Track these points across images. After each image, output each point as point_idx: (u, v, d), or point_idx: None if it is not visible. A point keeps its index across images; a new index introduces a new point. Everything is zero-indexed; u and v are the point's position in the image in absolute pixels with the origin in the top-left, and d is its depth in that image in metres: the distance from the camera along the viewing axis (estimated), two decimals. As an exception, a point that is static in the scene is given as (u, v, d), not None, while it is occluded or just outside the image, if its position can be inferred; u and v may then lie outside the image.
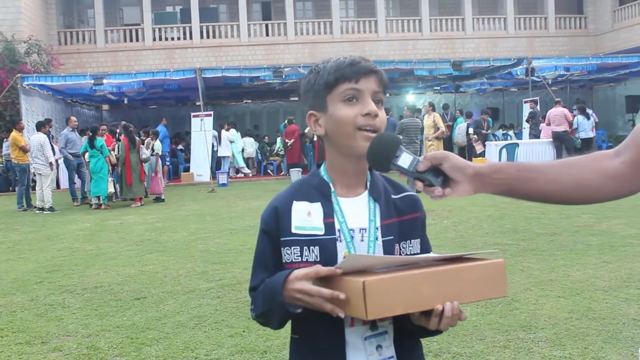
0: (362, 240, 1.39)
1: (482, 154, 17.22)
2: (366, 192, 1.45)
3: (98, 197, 12.75)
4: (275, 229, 1.42)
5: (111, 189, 13.18)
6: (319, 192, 1.43)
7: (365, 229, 1.40)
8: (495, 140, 19.49)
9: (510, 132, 22.59)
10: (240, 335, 4.15)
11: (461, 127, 19.04)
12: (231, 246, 7.47)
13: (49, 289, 5.76)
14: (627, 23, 28.13)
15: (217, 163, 19.65)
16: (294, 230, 1.40)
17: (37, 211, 12.51)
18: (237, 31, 28.28)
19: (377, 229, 1.40)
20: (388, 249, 1.40)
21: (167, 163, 19.46)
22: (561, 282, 5.13)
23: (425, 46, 28.77)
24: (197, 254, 7.16)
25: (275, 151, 21.90)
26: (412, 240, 1.45)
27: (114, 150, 13.37)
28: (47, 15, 27.10)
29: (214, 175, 17.93)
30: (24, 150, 12.97)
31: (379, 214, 1.42)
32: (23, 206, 13.08)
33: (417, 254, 1.45)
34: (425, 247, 1.49)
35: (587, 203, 1.33)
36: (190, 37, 28.03)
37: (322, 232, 1.38)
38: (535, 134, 18.41)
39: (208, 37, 28.13)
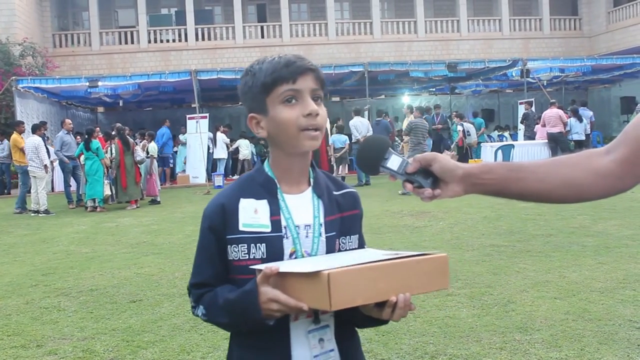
0: (307, 236, 1.41)
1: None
2: (310, 189, 1.45)
3: (93, 200, 12.72)
4: (221, 227, 1.41)
5: (107, 192, 13.16)
6: (265, 190, 1.43)
7: (310, 226, 1.41)
8: (491, 142, 19.51)
9: (506, 134, 22.64)
10: (236, 337, 4.13)
11: (472, 127, 18.95)
12: (227, 248, 7.45)
13: (44, 292, 5.74)
14: (622, 24, 28.26)
15: (212, 165, 19.64)
16: (241, 228, 1.39)
17: (32, 214, 12.46)
18: (232, 33, 28.29)
19: (321, 225, 1.42)
20: (330, 244, 1.42)
21: (171, 164, 19.56)
22: (557, 283, 5.13)
23: (420, 48, 28.84)
24: (192, 256, 7.11)
25: (271, 153, 21.91)
26: (352, 236, 1.48)
27: (106, 152, 13.35)
28: (42, 18, 27.06)
29: (209, 177, 17.93)
30: (25, 151, 12.96)
31: (322, 210, 1.43)
32: (19, 208, 13.03)
33: (355, 249, 1.47)
34: (361, 243, 1.51)
35: (578, 201, 1.33)
36: (186, 39, 28.03)
37: (269, 230, 1.39)
38: (529, 136, 18.42)
39: (203, 39, 28.14)
